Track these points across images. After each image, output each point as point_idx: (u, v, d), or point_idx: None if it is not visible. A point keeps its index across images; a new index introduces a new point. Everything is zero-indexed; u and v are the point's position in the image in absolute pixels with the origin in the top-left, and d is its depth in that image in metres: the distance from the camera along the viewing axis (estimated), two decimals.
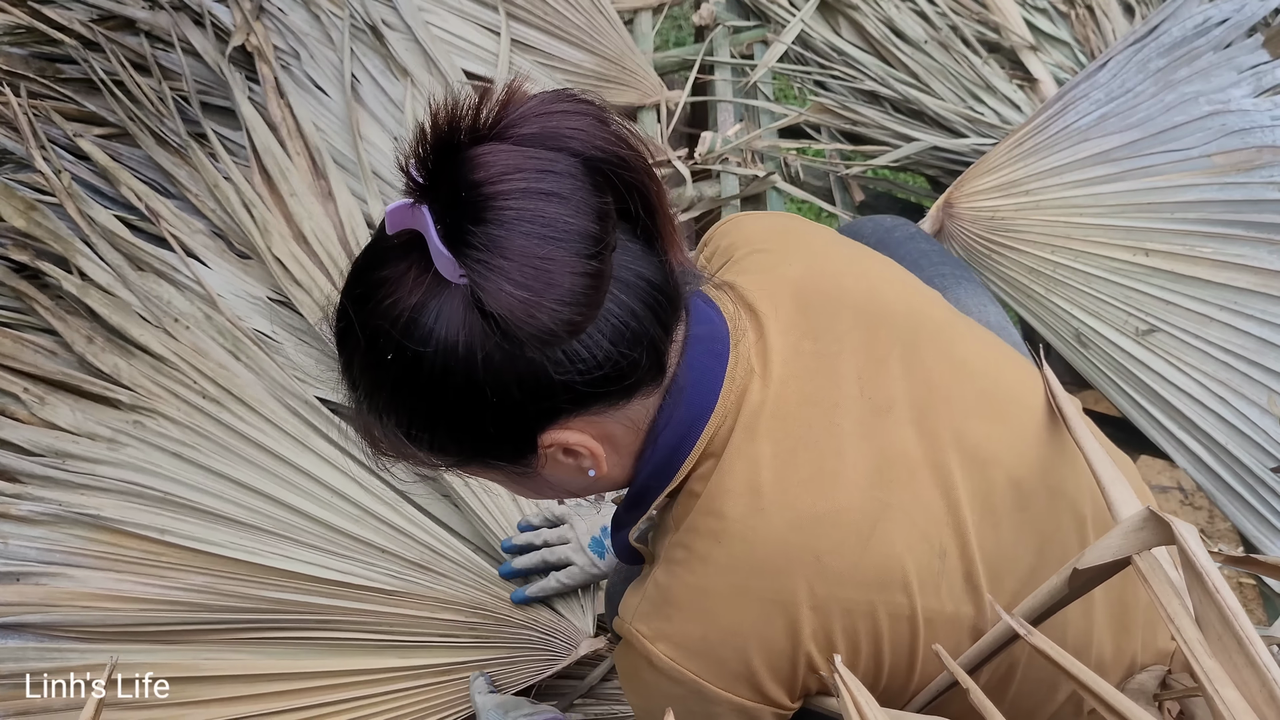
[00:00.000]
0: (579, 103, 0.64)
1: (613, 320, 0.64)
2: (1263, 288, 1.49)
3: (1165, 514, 0.54)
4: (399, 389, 0.66)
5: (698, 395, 0.73)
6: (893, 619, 0.72)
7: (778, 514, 0.70)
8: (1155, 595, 0.54)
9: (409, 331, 0.62)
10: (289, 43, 1.80)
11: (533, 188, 0.60)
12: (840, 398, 0.74)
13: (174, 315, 1.47)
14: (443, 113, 0.61)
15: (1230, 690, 0.47)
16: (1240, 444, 1.45)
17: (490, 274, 0.59)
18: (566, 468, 0.72)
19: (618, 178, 0.64)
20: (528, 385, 0.64)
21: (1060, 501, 0.80)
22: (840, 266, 0.84)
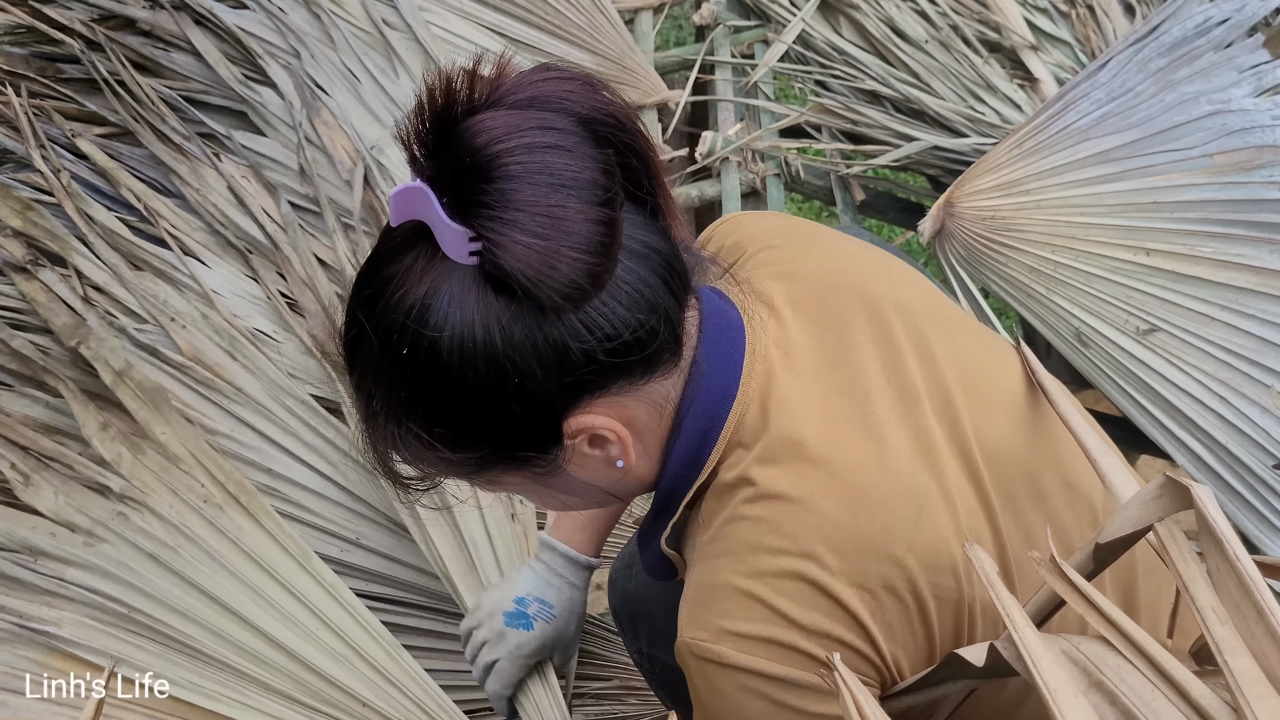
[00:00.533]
0: (569, 70, 0.65)
1: (625, 287, 0.64)
2: (1263, 287, 1.49)
3: (1183, 479, 0.53)
4: (418, 385, 0.65)
5: (718, 379, 0.72)
6: (939, 602, 0.71)
7: (828, 496, 0.69)
8: (1173, 563, 0.53)
9: (423, 319, 0.62)
10: (289, 42, 1.80)
11: (536, 142, 0.60)
12: (871, 386, 0.74)
13: (170, 314, 1.47)
14: (437, 88, 0.61)
15: (1244, 660, 0.46)
16: (1241, 443, 1.45)
17: (505, 229, 0.59)
18: (593, 460, 0.71)
19: (615, 138, 0.64)
20: (548, 360, 0.63)
21: (1075, 495, 0.81)
22: (851, 262, 0.83)
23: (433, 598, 1.34)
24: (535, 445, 0.69)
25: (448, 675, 1.32)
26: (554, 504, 0.80)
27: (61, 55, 1.79)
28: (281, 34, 1.81)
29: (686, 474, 0.74)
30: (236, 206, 1.62)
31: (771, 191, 1.91)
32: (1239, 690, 0.49)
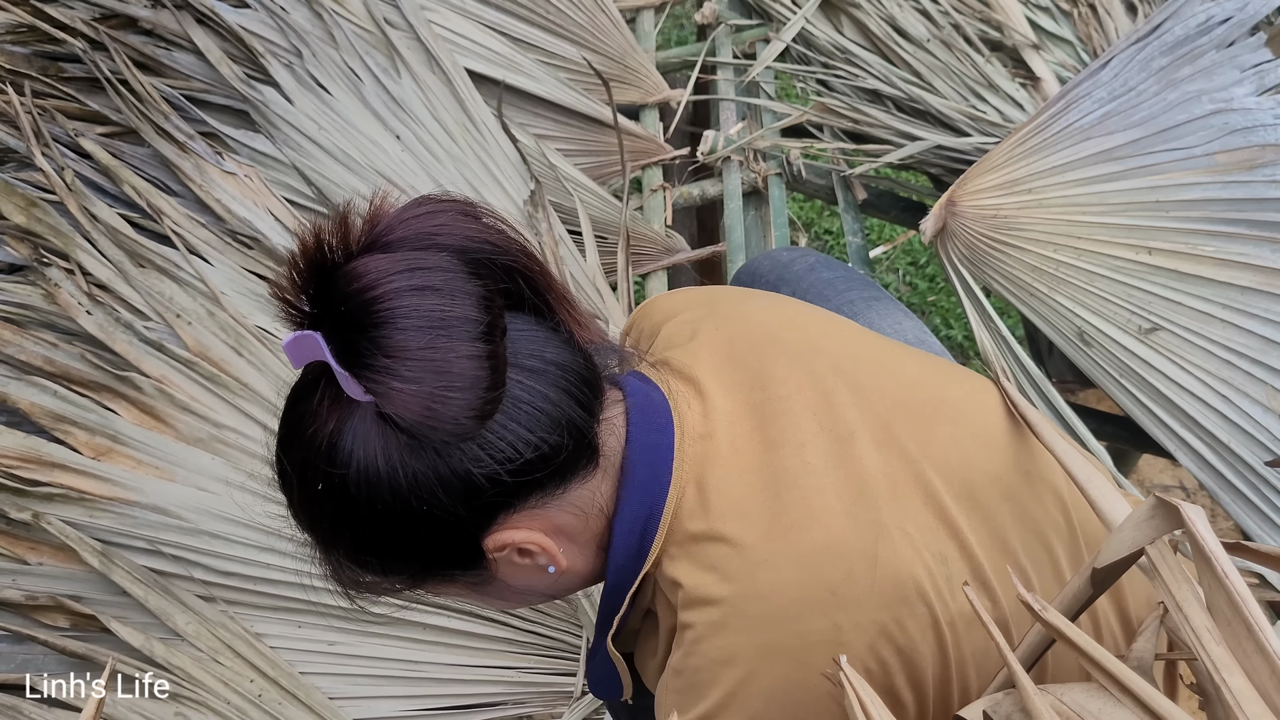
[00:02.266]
0: (442, 202, 0.66)
1: (524, 407, 0.65)
2: (1265, 286, 1.49)
3: (1172, 499, 0.54)
4: (336, 518, 0.67)
5: (649, 472, 0.72)
6: (920, 629, 0.71)
7: (782, 560, 0.69)
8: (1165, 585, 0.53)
9: (331, 458, 0.63)
10: (291, 41, 1.80)
11: (403, 286, 0.61)
12: (804, 436, 0.73)
13: (176, 310, 1.47)
14: (310, 238, 0.62)
15: (1238, 679, 0.47)
16: (1243, 442, 1.45)
17: (382, 377, 0.60)
18: (524, 569, 0.72)
19: (493, 263, 0.65)
20: (454, 488, 0.64)
21: (1040, 485, 0.81)
22: (763, 317, 0.83)
23: None
24: (460, 564, 0.70)
25: (452, 669, 1.32)
26: (499, 606, 0.81)
27: (64, 54, 1.79)
28: (283, 33, 1.81)
29: (631, 565, 0.73)
30: (239, 203, 1.62)
31: (773, 191, 1.91)
32: (1237, 710, 0.49)
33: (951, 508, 0.75)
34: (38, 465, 1.35)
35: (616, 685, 0.82)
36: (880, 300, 1.16)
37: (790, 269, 1.22)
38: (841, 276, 1.19)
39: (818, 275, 1.20)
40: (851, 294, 1.16)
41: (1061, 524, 0.81)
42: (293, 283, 0.63)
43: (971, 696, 0.74)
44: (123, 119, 1.70)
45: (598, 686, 0.85)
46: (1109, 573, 0.61)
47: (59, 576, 1.32)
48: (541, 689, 1.33)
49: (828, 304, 1.14)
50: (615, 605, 0.75)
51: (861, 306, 1.14)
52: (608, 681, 0.83)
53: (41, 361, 1.42)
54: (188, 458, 1.38)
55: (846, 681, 0.62)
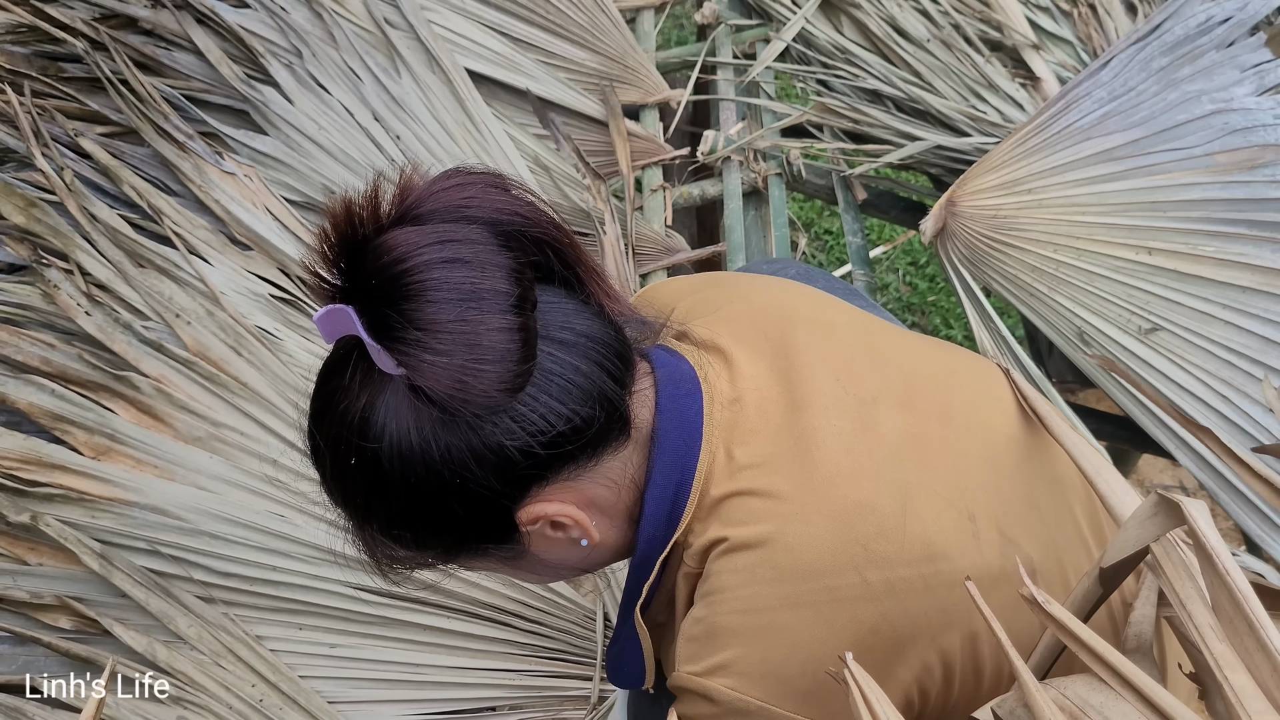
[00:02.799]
0: (472, 174, 0.66)
1: (556, 379, 0.65)
2: (1265, 286, 1.49)
3: (1175, 495, 0.54)
4: (370, 492, 0.67)
5: (679, 438, 0.72)
6: (950, 586, 0.70)
7: (813, 513, 0.69)
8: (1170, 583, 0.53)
9: (364, 432, 0.64)
10: (291, 41, 1.80)
11: (434, 258, 0.61)
12: (829, 400, 0.74)
13: (175, 310, 1.47)
14: (341, 212, 0.62)
15: (1241, 676, 0.47)
16: (1243, 442, 1.45)
17: (413, 349, 0.61)
18: (557, 542, 0.72)
19: (524, 236, 0.65)
20: (487, 461, 0.64)
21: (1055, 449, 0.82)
22: (776, 293, 0.85)
23: (445, 595, 1.34)
24: (493, 538, 0.70)
25: (456, 672, 1.32)
26: (531, 579, 0.81)
27: (64, 54, 1.79)
28: (283, 33, 1.81)
29: (662, 534, 0.73)
30: (239, 204, 1.62)
31: (773, 191, 1.91)
32: (1240, 707, 0.49)
33: (975, 467, 0.75)
34: (37, 466, 1.35)
35: (638, 669, 0.81)
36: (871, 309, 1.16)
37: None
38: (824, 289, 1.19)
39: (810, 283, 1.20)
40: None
41: (1078, 485, 0.82)
42: (324, 256, 0.63)
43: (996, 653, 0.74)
44: (123, 119, 1.70)
45: (618, 673, 0.84)
46: (1117, 571, 0.61)
47: (59, 577, 1.32)
48: (545, 693, 1.32)
49: None
50: (644, 575, 0.75)
51: None
52: (630, 665, 0.82)
53: (39, 362, 1.42)
54: (187, 457, 1.38)
55: (850, 678, 0.61)
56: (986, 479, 0.75)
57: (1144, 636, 0.63)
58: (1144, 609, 0.64)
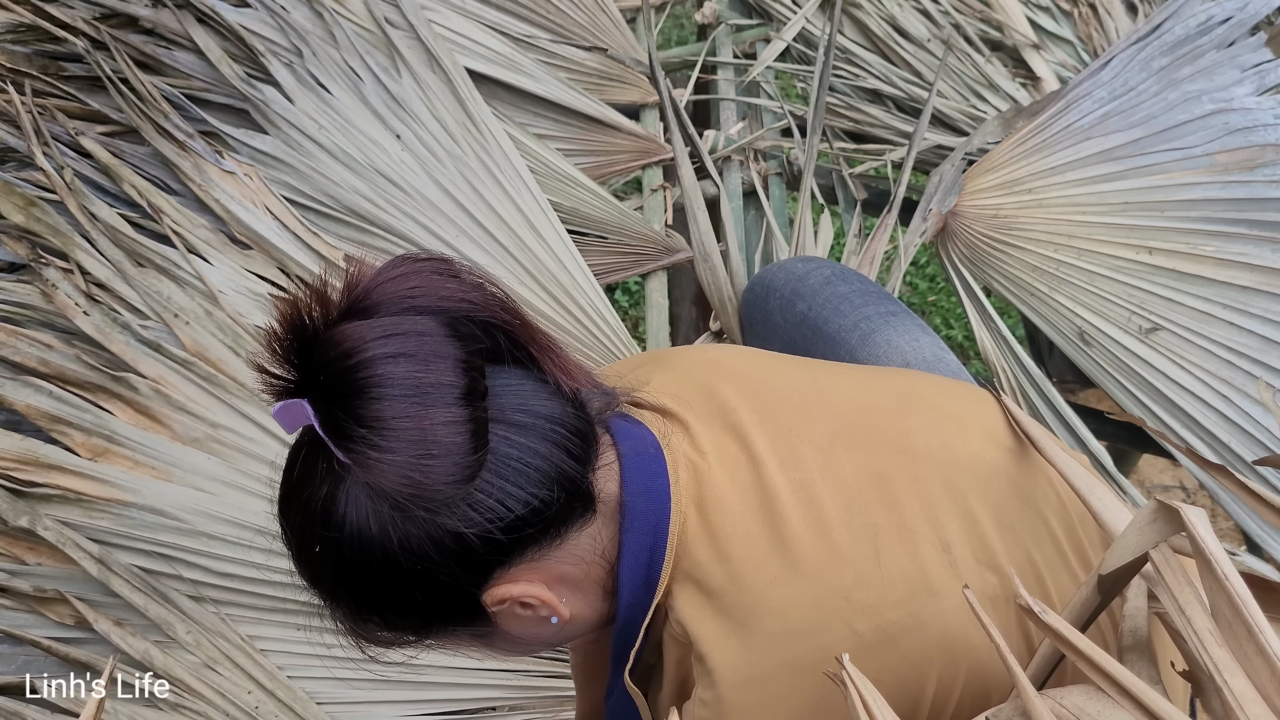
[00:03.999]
0: (418, 262, 0.66)
1: (513, 464, 0.64)
2: (1266, 286, 1.49)
3: (1173, 502, 0.54)
4: (336, 578, 0.67)
5: (648, 506, 0.71)
6: (940, 618, 0.70)
7: (792, 574, 0.68)
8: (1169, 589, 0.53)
9: (326, 521, 0.64)
10: (291, 40, 1.80)
11: (379, 354, 0.61)
12: (784, 454, 0.73)
13: (174, 310, 1.47)
14: (290, 307, 0.62)
15: (1240, 681, 0.46)
16: (1243, 442, 1.45)
17: (360, 447, 0.61)
18: (527, 620, 0.71)
19: (472, 321, 0.65)
20: (446, 549, 0.64)
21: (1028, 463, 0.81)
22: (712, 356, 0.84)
23: None
24: (460, 620, 0.70)
25: (456, 672, 1.32)
26: (509, 653, 0.80)
27: (64, 53, 1.79)
28: (284, 32, 1.81)
29: (642, 599, 0.73)
30: (239, 203, 1.62)
31: (773, 190, 1.91)
32: (1239, 711, 0.49)
33: (942, 493, 0.75)
34: (34, 467, 1.35)
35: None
36: (898, 316, 1.14)
37: (805, 282, 1.20)
38: (857, 290, 1.18)
39: (833, 289, 1.18)
40: (868, 309, 1.15)
41: (1053, 497, 0.80)
42: (274, 352, 0.63)
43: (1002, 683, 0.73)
44: (123, 118, 1.70)
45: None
46: (1116, 579, 0.61)
47: (58, 578, 1.32)
48: (544, 693, 1.32)
49: (844, 319, 1.13)
50: (630, 639, 0.75)
51: (879, 323, 1.13)
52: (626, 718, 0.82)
53: (37, 363, 1.42)
54: (184, 458, 1.38)
55: (850, 681, 0.61)
56: (955, 504, 0.74)
57: (1140, 632, 0.62)
58: (1136, 601, 0.64)
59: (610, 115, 1.90)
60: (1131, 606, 0.63)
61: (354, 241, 1.63)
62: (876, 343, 1.09)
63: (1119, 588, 0.64)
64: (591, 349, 1.59)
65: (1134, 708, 0.52)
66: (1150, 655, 0.63)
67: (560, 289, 1.61)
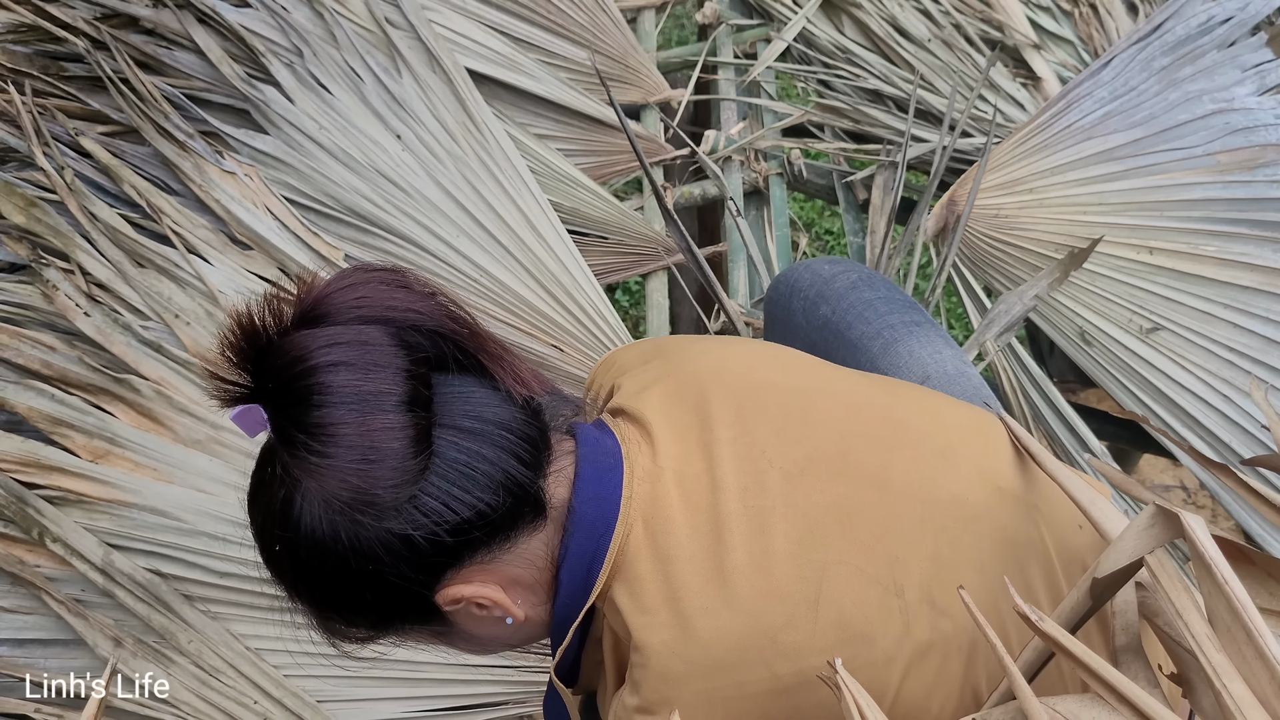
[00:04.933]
0: (369, 272, 0.67)
1: (460, 468, 0.66)
2: (1267, 286, 1.49)
3: (1172, 506, 0.53)
4: (295, 576, 0.70)
5: (595, 513, 0.72)
6: (868, 668, 0.69)
7: (722, 607, 0.68)
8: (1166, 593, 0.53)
9: (283, 522, 0.66)
10: (292, 40, 1.80)
11: (322, 362, 0.63)
12: (749, 479, 0.73)
13: (174, 310, 1.47)
14: (246, 314, 0.64)
15: (1239, 685, 0.46)
16: (1244, 441, 1.45)
17: (305, 454, 0.63)
18: (483, 620, 0.73)
19: (419, 331, 0.66)
20: (396, 551, 0.65)
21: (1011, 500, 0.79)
22: (707, 360, 0.83)
23: None
24: (416, 619, 0.72)
25: (454, 669, 1.32)
26: (467, 650, 0.81)
27: (65, 53, 1.79)
28: (284, 32, 1.81)
29: (576, 600, 0.73)
30: (239, 203, 1.62)
31: (774, 191, 1.91)
32: (1239, 715, 0.49)
33: (912, 533, 0.73)
34: (36, 469, 1.35)
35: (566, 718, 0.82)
36: (921, 326, 1.12)
37: (831, 285, 1.18)
38: (883, 297, 1.16)
39: (859, 295, 1.16)
40: (892, 317, 1.12)
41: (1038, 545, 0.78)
42: (230, 359, 0.65)
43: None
44: (123, 118, 1.70)
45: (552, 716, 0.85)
46: (1109, 584, 0.61)
47: (58, 578, 1.32)
48: (542, 688, 1.32)
49: (867, 325, 1.11)
50: (559, 639, 0.76)
51: (902, 332, 1.11)
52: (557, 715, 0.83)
53: (39, 365, 1.42)
54: (186, 459, 1.38)
55: (844, 687, 0.61)
56: (923, 545, 0.73)
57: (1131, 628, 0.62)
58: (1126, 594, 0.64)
59: (610, 115, 1.90)
60: (1120, 601, 0.63)
61: (354, 241, 1.63)
62: (898, 352, 1.08)
63: (1112, 592, 0.64)
64: (592, 349, 1.59)
65: (1131, 714, 0.52)
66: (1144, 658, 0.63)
67: (560, 289, 1.61)
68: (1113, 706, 0.52)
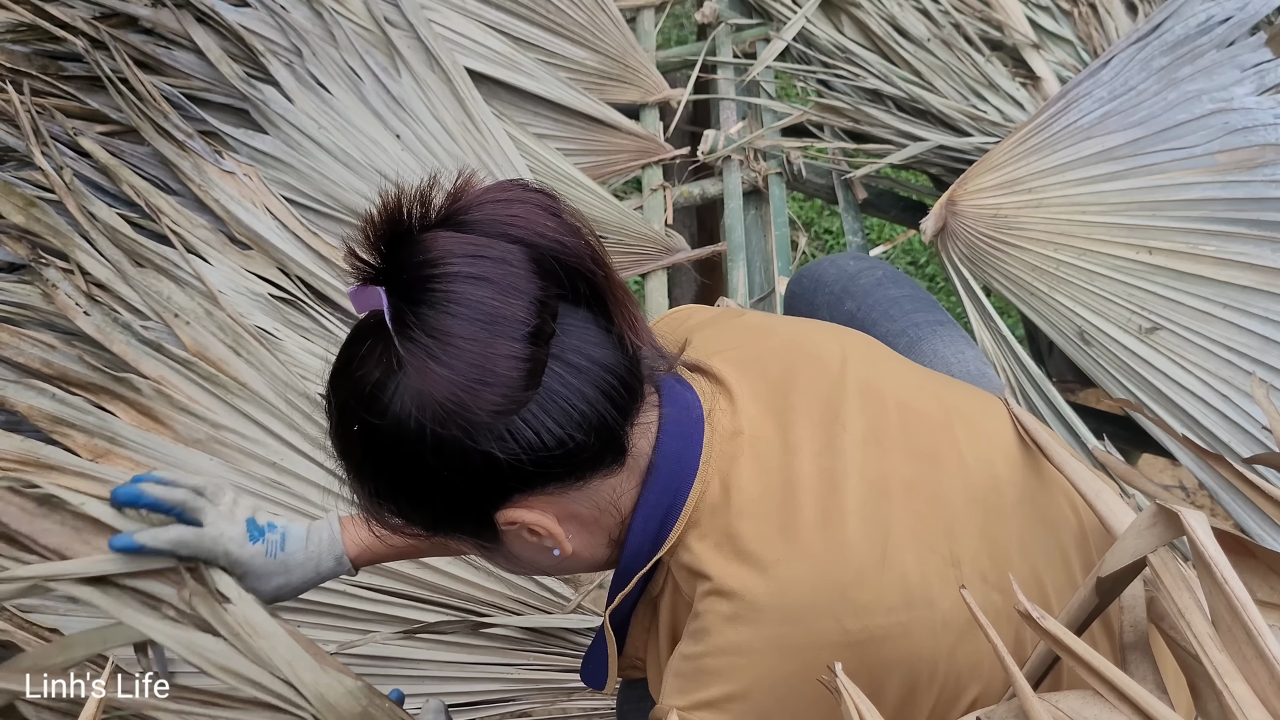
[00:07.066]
0: (526, 191, 0.67)
1: (560, 402, 0.66)
2: (1265, 286, 1.49)
3: (1173, 505, 0.54)
4: (365, 459, 0.70)
5: (675, 471, 0.73)
6: (928, 631, 0.71)
7: (795, 558, 0.70)
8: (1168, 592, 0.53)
9: (370, 405, 0.66)
10: (291, 40, 1.80)
11: (463, 271, 0.63)
12: (820, 444, 0.75)
13: (174, 310, 1.47)
14: (393, 201, 0.64)
15: (1240, 685, 0.46)
16: (1243, 441, 1.45)
17: (419, 353, 0.63)
18: (530, 545, 0.73)
19: (559, 263, 0.66)
20: (475, 464, 0.66)
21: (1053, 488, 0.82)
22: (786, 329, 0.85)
23: (439, 592, 1.34)
24: (470, 529, 0.72)
25: (453, 666, 1.32)
26: (503, 567, 0.82)
27: (64, 53, 1.79)
28: (283, 32, 1.81)
29: (647, 549, 0.75)
30: (238, 203, 1.62)
31: (773, 190, 1.91)
32: (1240, 715, 0.49)
33: (964, 510, 0.76)
34: (36, 468, 1.35)
35: (604, 670, 0.83)
36: (945, 325, 1.15)
37: (856, 281, 1.20)
38: (908, 295, 1.18)
39: (884, 291, 1.18)
40: (917, 315, 1.15)
41: (1072, 523, 0.82)
42: (367, 238, 0.65)
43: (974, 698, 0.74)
44: (122, 118, 1.70)
45: (587, 669, 0.87)
46: (1114, 582, 0.61)
47: None
48: (541, 686, 1.32)
49: (892, 323, 1.14)
50: (622, 586, 0.77)
51: (926, 330, 1.13)
52: (597, 665, 0.84)
53: (39, 364, 1.42)
54: (186, 459, 1.38)
55: (843, 689, 0.61)
56: (974, 523, 0.76)
57: (1139, 626, 0.62)
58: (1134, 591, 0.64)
59: (610, 115, 1.90)
60: (1129, 598, 0.63)
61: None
62: (922, 351, 1.11)
63: (1118, 591, 0.64)
64: None
65: (1132, 712, 0.52)
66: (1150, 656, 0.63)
67: None
68: (1113, 705, 0.52)
